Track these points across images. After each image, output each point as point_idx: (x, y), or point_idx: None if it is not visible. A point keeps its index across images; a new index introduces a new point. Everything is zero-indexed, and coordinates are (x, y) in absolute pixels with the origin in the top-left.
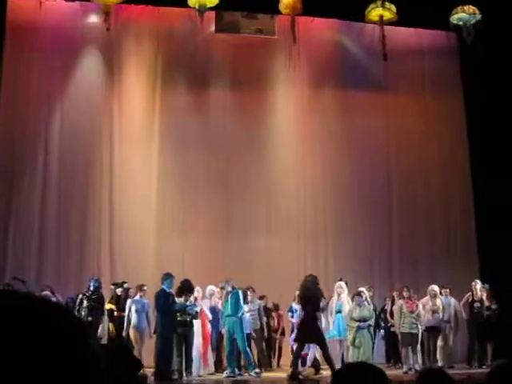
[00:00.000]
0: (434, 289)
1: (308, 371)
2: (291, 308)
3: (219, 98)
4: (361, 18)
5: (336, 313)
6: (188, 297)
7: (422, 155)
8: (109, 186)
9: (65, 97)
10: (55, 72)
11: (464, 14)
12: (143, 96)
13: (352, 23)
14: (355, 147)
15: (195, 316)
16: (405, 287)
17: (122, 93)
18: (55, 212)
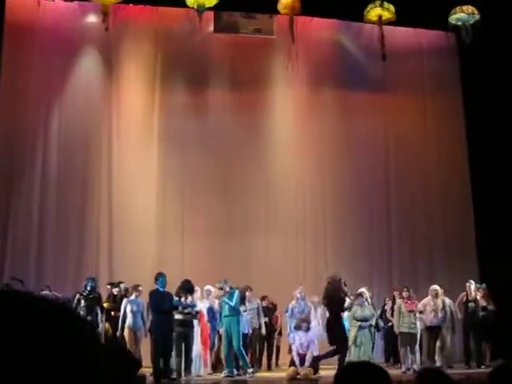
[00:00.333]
0: (435, 288)
1: (307, 371)
2: (287, 308)
3: (218, 98)
4: (359, 18)
5: None
6: (188, 297)
7: (421, 155)
8: (107, 187)
9: (63, 97)
10: (54, 72)
11: (463, 14)
12: (142, 96)
13: (351, 23)
14: (354, 147)
15: (195, 316)
16: (405, 287)
17: (121, 93)
18: (54, 212)
